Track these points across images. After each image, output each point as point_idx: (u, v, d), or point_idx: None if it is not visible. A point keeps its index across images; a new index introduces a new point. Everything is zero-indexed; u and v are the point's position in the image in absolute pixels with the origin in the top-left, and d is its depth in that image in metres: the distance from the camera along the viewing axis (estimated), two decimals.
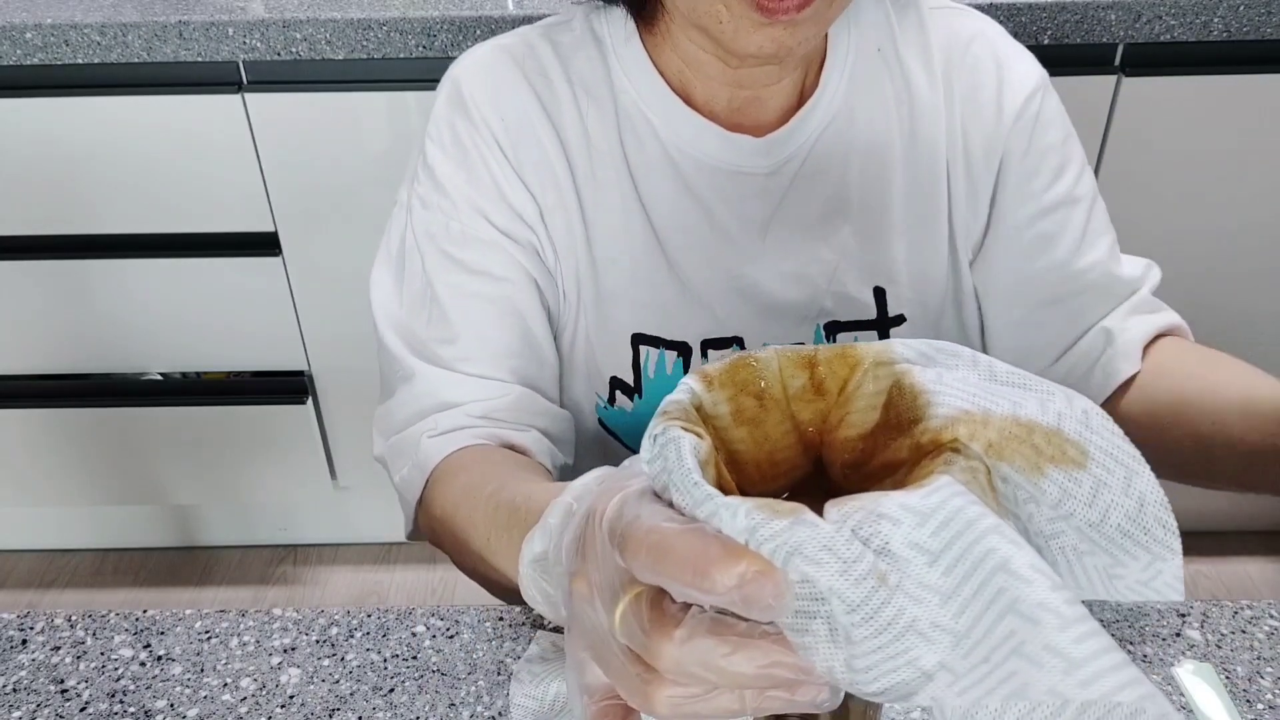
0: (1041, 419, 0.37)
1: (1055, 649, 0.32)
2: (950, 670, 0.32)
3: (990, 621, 0.32)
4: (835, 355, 0.40)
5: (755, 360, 0.41)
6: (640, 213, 0.78)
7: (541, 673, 0.64)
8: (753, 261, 0.79)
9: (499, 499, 0.61)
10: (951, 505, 0.33)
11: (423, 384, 0.76)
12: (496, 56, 0.78)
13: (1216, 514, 1.86)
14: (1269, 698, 0.66)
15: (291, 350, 1.64)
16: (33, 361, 1.66)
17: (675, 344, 0.81)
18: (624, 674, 0.36)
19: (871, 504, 0.33)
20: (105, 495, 1.80)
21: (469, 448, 0.73)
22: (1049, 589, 0.32)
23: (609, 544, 0.36)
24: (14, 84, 1.44)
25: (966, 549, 0.33)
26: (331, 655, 0.69)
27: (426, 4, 1.40)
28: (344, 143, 1.47)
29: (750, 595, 0.32)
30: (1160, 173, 1.50)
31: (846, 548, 0.32)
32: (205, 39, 1.38)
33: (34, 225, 1.54)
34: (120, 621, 0.72)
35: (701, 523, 0.34)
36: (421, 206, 0.78)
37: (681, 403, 0.39)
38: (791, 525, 0.32)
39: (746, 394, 0.40)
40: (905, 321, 0.81)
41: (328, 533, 1.96)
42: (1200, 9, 1.36)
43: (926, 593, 0.32)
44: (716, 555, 0.32)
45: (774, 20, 0.63)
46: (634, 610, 0.35)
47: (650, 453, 0.37)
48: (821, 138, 0.77)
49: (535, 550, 0.46)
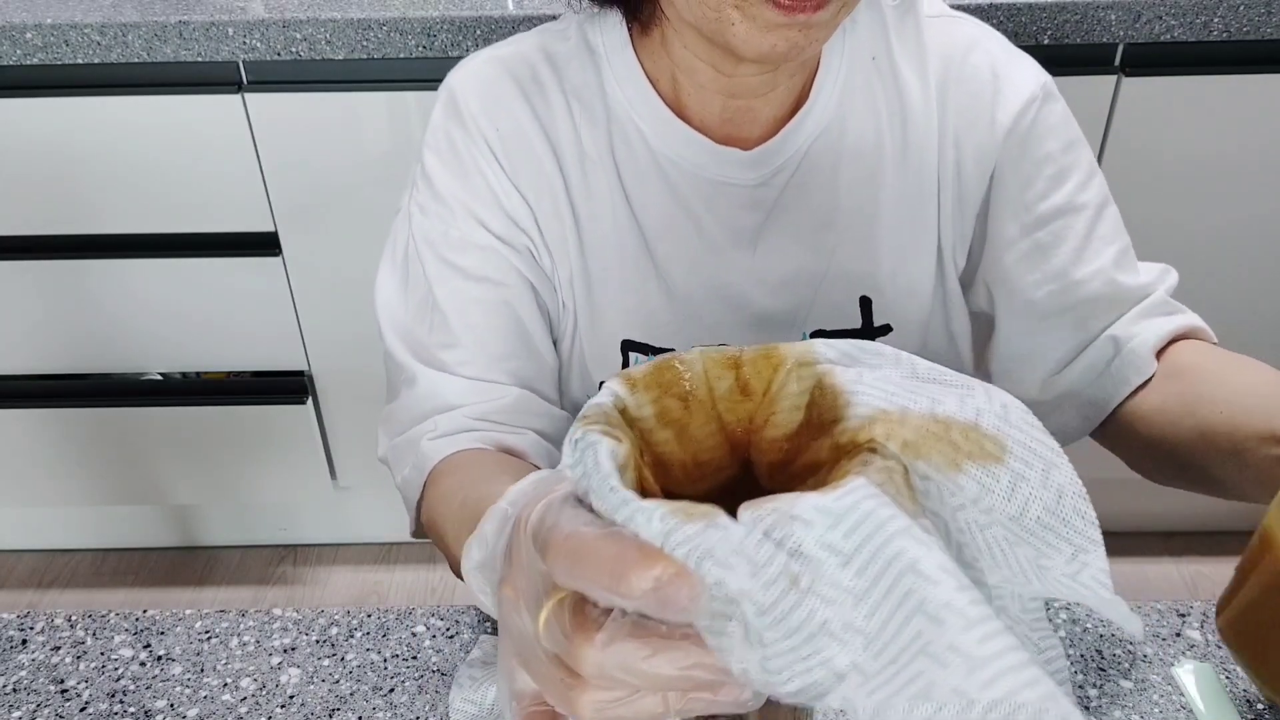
0: (959, 415, 0.38)
1: (958, 649, 0.32)
2: (861, 671, 0.33)
3: (899, 622, 0.33)
4: (759, 356, 0.41)
5: (680, 362, 0.41)
6: (630, 221, 0.78)
7: (481, 677, 0.64)
8: (740, 272, 0.79)
9: (468, 504, 0.62)
10: (864, 507, 0.33)
11: (425, 387, 0.77)
12: (491, 67, 0.78)
13: (1216, 514, 1.86)
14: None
15: (291, 350, 1.64)
16: (33, 361, 1.66)
17: (664, 352, 0.81)
18: (549, 679, 0.36)
19: (786, 506, 0.34)
20: (105, 495, 1.80)
21: (465, 451, 0.74)
22: (954, 589, 0.33)
23: (533, 550, 0.36)
24: (14, 84, 1.44)
25: (878, 550, 0.33)
26: (331, 655, 0.69)
27: (426, 4, 1.40)
28: (344, 143, 1.47)
29: (665, 598, 0.32)
30: (1160, 173, 1.50)
31: (757, 550, 0.33)
32: (205, 39, 1.38)
33: (34, 225, 1.54)
34: (120, 621, 0.72)
35: (619, 527, 0.34)
36: (420, 214, 0.79)
37: (603, 406, 0.39)
38: (704, 529, 0.33)
39: (670, 395, 0.41)
40: (891, 331, 0.81)
41: (328, 533, 1.96)
42: (1200, 9, 1.36)
43: (839, 594, 0.33)
44: (633, 559, 0.33)
45: (792, 19, 0.62)
46: (556, 615, 0.35)
47: (571, 458, 0.37)
48: (812, 148, 0.77)
49: (475, 558, 0.46)
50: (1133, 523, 1.85)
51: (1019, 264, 0.79)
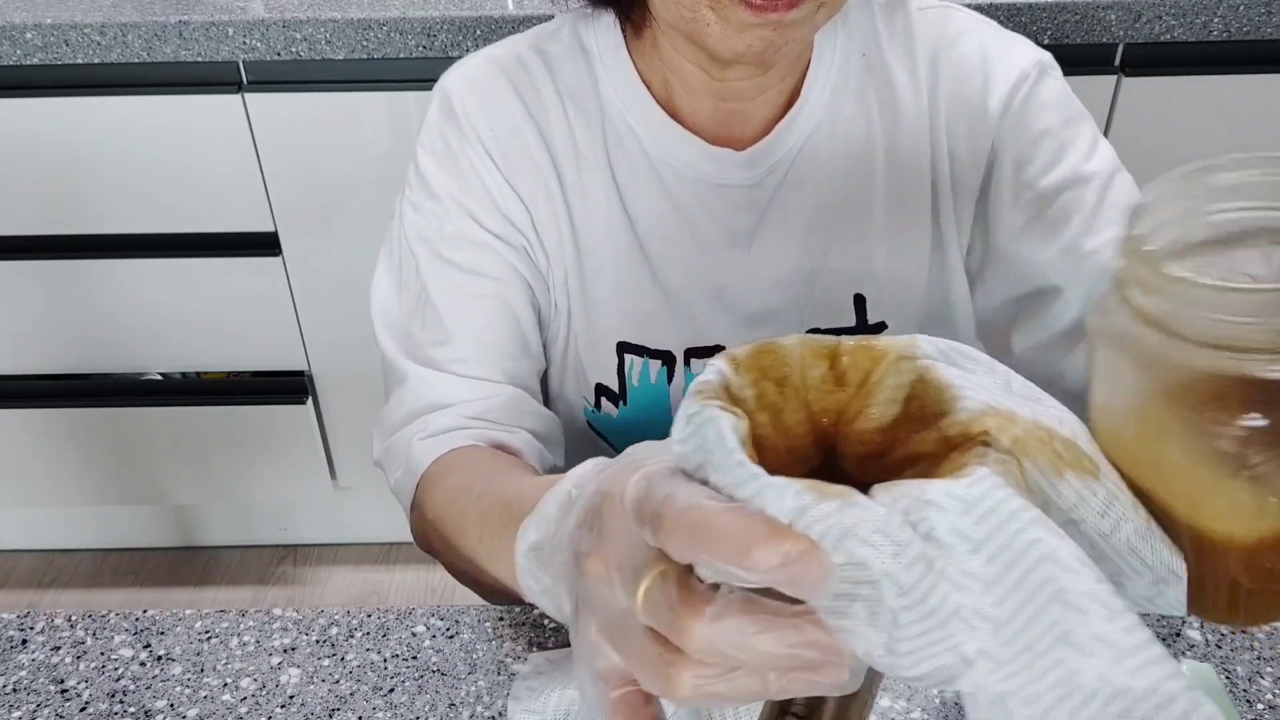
0: (1059, 429, 0.38)
1: (1104, 638, 0.32)
2: (991, 657, 0.33)
3: (1034, 610, 0.33)
4: (859, 347, 0.40)
5: (779, 347, 0.40)
6: (625, 223, 0.78)
7: (538, 686, 0.63)
8: (735, 272, 0.79)
9: (489, 499, 0.60)
10: (995, 496, 0.33)
11: (415, 385, 0.77)
12: (486, 68, 0.78)
13: None
14: (1269, 698, 0.66)
15: (291, 350, 1.64)
16: (33, 361, 1.66)
17: (659, 353, 0.81)
18: (644, 655, 0.35)
19: (918, 490, 0.33)
20: (105, 495, 1.80)
21: (459, 449, 0.73)
22: (1095, 580, 0.33)
23: (634, 523, 0.35)
24: (14, 84, 1.44)
25: (1010, 539, 0.33)
26: (331, 655, 0.69)
27: (426, 4, 1.40)
28: (344, 143, 1.47)
29: (795, 575, 0.31)
30: (1160, 173, 1.49)
31: (899, 531, 0.32)
32: (205, 39, 1.38)
33: (34, 225, 1.54)
34: (120, 621, 0.72)
35: (741, 502, 0.34)
36: (414, 212, 0.78)
37: (712, 383, 0.38)
38: (843, 507, 0.32)
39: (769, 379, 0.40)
40: (886, 329, 0.80)
41: (328, 533, 1.96)
42: (1200, 9, 1.36)
43: (969, 580, 0.33)
44: (761, 534, 0.32)
45: (764, 19, 0.62)
46: (661, 589, 0.34)
47: (684, 431, 0.36)
48: (805, 147, 0.77)
49: (530, 539, 0.45)
50: None
51: (1028, 245, 0.77)
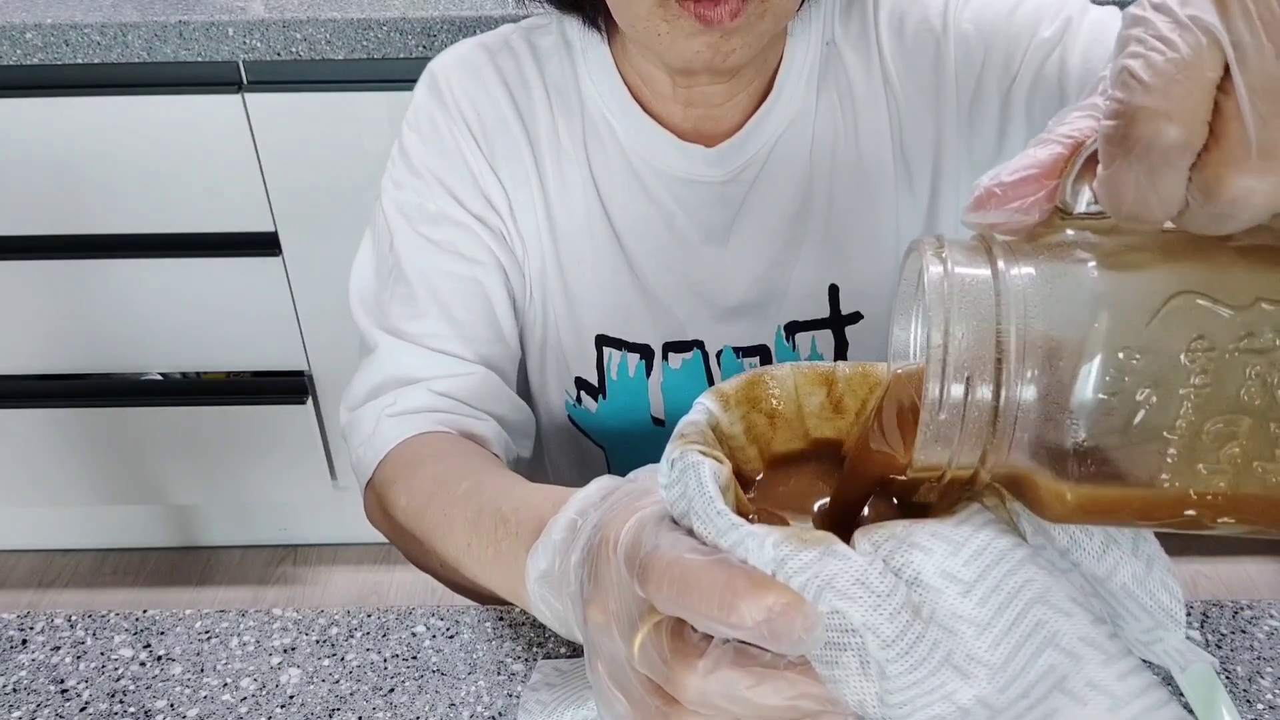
0: None
1: (1099, 685, 0.31)
2: (987, 705, 0.31)
3: (1029, 655, 0.31)
4: (856, 375, 0.40)
5: (771, 377, 0.40)
6: (603, 217, 0.79)
7: (551, 701, 0.63)
8: (712, 267, 0.79)
9: (480, 504, 0.60)
10: (984, 534, 0.32)
11: (385, 356, 0.76)
12: (476, 54, 0.79)
13: None
14: (1269, 698, 0.66)
15: (291, 350, 1.64)
16: (33, 361, 1.66)
17: (637, 346, 0.81)
18: (643, 705, 0.35)
19: (903, 532, 0.32)
20: (105, 495, 1.80)
21: (429, 434, 0.73)
22: (1090, 623, 0.32)
23: (625, 573, 0.35)
24: (14, 84, 1.44)
25: (1002, 579, 0.32)
26: (331, 655, 0.69)
27: (426, 4, 1.40)
28: (344, 143, 1.47)
29: (779, 629, 0.31)
30: None
31: (880, 581, 0.31)
32: (205, 39, 1.38)
33: (34, 225, 1.54)
34: (120, 621, 0.72)
35: (725, 553, 0.33)
36: (395, 188, 0.79)
37: (699, 424, 0.38)
38: (822, 556, 0.31)
39: (757, 411, 0.40)
40: (862, 319, 0.80)
41: (328, 533, 1.96)
42: None
43: (960, 624, 0.31)
44: (743, 588, 0.31)
45: (709, 28, 0.64)
46: (654, 640, 0.34)
47: (668, 478, 0.36)
48: (780, 142, 0.77)
49: (541, 566, 0.45)
50: None
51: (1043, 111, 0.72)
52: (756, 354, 0.82)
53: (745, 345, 0.82)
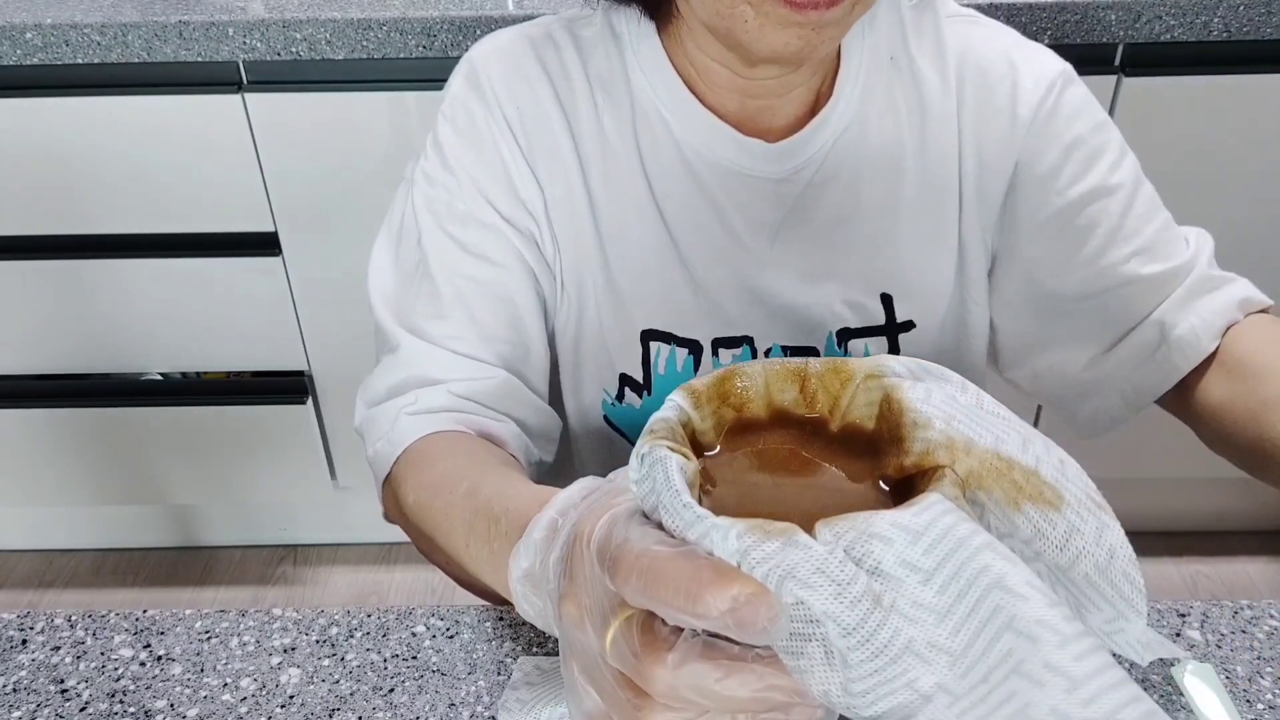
0: (1021, 458, 0.37)
1: (1055, 667, 0.32)
2: (948, 691, 0.32)
3: (987, 640, 0.32)
4: (828, 370, 0.40)
5: (742, 374, 0.40)
6: (654, 211, 0.78)
7: (530, 699, 0.63)
8: (763, 265, 0.79)
9: (476, 503, 0.60)
10: (943, 523, 0.33)
11: (407, 356, 0.76)
12: (518, 44, 0.78)
13: (1216, 514, 1.86)
14: (1269, 698, 0.66)
15: (291, 350, 1.64)
16: (33, 361, 1.66)
17: (686, 341, 0.80)
18: (615, 698, 0.35)
19: (863, 523, 0.33)
20: (105, 495, 1.80)
21: (444, 433, 0.72)
22: (1046, 605, 0.32)
23: (598, 567, 0.36)
24: (14, 84, 1.44)
25: (960, 566, 0.32)
26: (331, 655, 0.69)
27: (426, 4, 1.40)
28: (344, 143, 1.47)
29: (743, 619, 0.31)
30: (1160, 173, 1.49)
31: (840, 569, 0.32)
32: (205, 39, 1.38)
33: (34, 225, 1.54)
34: (120, 621, 0.72)
35: (692, 545, 0.33)
36: (426, 182, 0.77)
37: (669, 421, 0.38)
38: (783, 547, 0.32)
39: (727, 406, 0.40)
40: (915, 328, 0.80)
41: (328, 533, 1.96)
42: (1200, 9, 1.36)
43: (921, 612, 0.32)
44: (708, 579, 0.32)
45: (805, 17, 0.62)
46: (624, 634, 0.34)
47: (638, 472, 0.36)
48: (835, 147, 0.77)
49: (523, 565, 0.45)
50: (1133, 522, 1.84)
51: (1051, 254, 0.78)
52: (806, 355, 0.82)
53: (796, 345, 0.81)
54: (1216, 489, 1.85)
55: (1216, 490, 1.84)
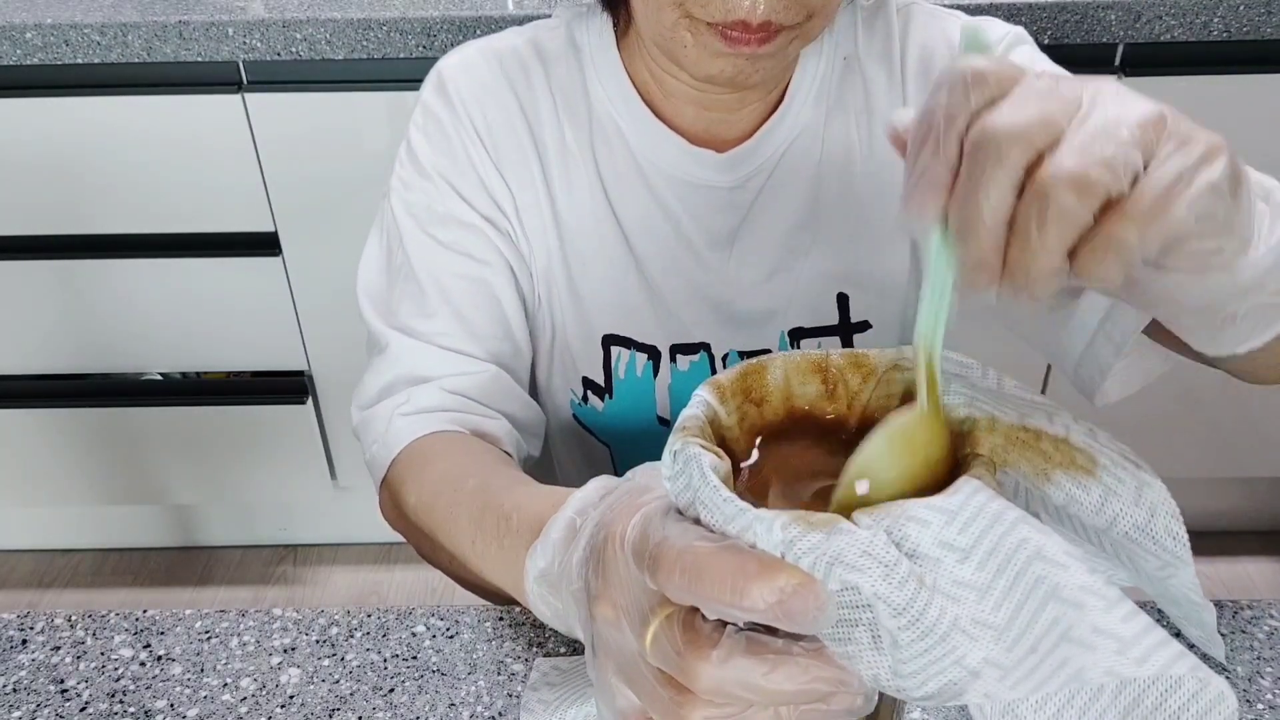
0: (1049, 428, 0.37)
1: (1105, 630, 0.32)
2: (997, 665, 0.32)
3: (1032, 610, 0.32)
4: (848, 363, 0.41)
5: (763, 368, 0.41)
6: (611, 219, 0.79)
7: (553, 700, 0.63)
8: (718, 272, 0.80)
9: (483, 500, 0.60)
10: (975, 501, 0.33)
11: (396, 354, 0.77)
12: (483, 57, 0.79)
13: (1217, 514, 1.86)
14: (1269, 698, 0.66)
15: (291, 350, 1.64)
16: (33, 361, 1.66)
17: (645, 347, 0.82)
18: (656, 697, 0.35)
19: (899, 509, 0.33)
20: (105, 495, 1.80)
21: (442, 434, 0.73)
22: (1086, 572, 0.33)
23: (635, 566, 0.36)
24: (14, 84, 1.44)
25: (997, 542, 0.33)
26: (331, 655, 0.69)
27: (426, 4, 1.40)
28: (344, 143, 1.47)
29: (791, 609, 0.31)
30: None
31: (885, 551, 0.32)
32: (205, 39, 1.38)
33: (34, 225, 1.54)
34: (120, 621, 0.72)
35: (733, 539, 0.34)
36: (403, 188, 0.79)
37: (697, 418, 0.38)
38: (829, 535, 0.32)
39: (749, 401, 0.40)
40: (870, 328, 0.81)
41: (328, 533, 1.96)
42: (1200, 9, 1.36)
43: (962, 590, 0.32)
44: (754, 571, 0.32)
45: (735, 50, 0.64)
46: (666, 632, 0.34)
47: (671, 470, 0.36)
48: (787, 153, 0.77)
49: (540, 566, 0.45)
50: None
51: None
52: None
53: (751, 349, 0.82)
54: (1216, 489, 1.85)
55: (1216, 490, 1.85)
